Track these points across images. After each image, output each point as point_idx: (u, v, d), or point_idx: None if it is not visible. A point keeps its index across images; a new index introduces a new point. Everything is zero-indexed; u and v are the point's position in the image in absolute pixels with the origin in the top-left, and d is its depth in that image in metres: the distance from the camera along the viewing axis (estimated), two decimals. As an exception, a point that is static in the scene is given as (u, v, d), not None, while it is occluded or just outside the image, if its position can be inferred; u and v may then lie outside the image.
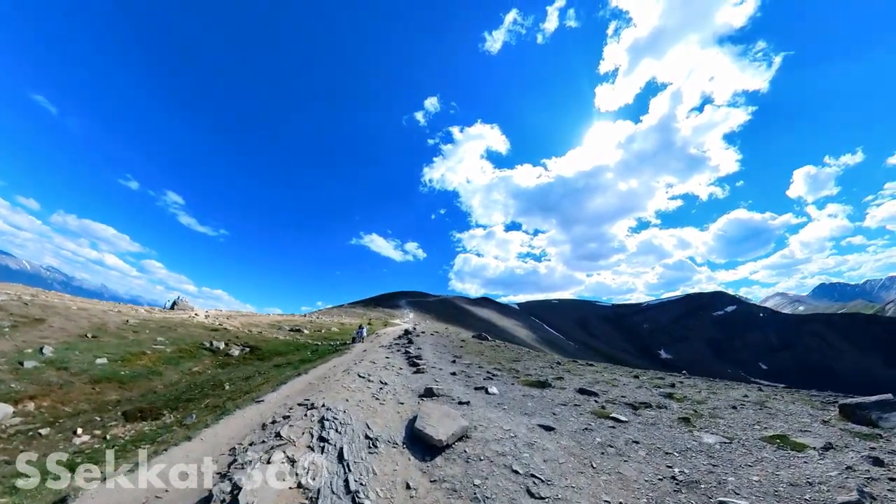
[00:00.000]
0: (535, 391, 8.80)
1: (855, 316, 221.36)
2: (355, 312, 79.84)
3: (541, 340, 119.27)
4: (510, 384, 9.78)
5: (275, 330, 30.38)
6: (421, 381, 9.74)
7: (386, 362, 13.26)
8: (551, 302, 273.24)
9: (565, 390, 8.93)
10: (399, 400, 7.70)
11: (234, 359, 17.23)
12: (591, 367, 17.61)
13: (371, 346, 21.08)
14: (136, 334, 18.60)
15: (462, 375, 11.09)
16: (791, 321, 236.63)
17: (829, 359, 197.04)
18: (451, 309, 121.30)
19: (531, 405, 7.46)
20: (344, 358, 15.73)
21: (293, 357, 17.34)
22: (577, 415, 6.74)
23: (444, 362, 13.98)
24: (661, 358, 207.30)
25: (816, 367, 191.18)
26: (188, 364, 15.35)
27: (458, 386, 9.36)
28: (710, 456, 4.66)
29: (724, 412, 6.98)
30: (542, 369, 13.33)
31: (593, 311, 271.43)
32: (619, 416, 6.36)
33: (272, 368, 14.70)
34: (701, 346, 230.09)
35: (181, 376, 13.91)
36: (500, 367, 12.98)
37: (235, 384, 12.50)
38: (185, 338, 19.41)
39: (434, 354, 16.40)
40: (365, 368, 11.78)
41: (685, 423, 6.04)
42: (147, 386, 12.21)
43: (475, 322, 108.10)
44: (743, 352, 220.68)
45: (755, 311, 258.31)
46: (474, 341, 27.10)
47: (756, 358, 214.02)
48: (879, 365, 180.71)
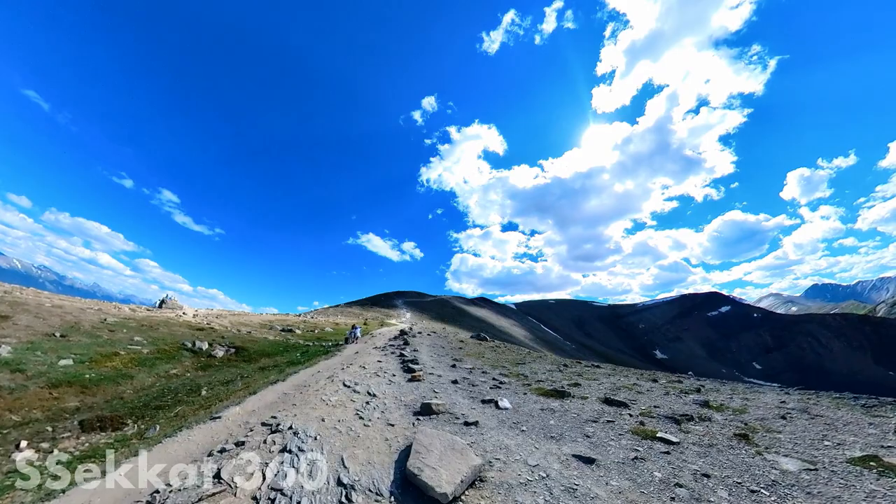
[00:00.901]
0: (553, 403, 7.51)
1: (847, 316, 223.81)
2: (351, 312, 78.53)
3: (538, 340, 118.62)
4: (522, 394, 8.47)
5: (265, 330, 29.09)
6: (417, 392, 8.26)
7: (378, 367, 11.91)
8: (548, 302, 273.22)
9: (588, 400, 7.73)
10: (389, 420, 6.12)
11: (217, 360, 15.99)
12: (598, 368, 16.63)
13: (364, 347, 19.78)
14: (112, 333, 17.28)
15: (465, 384, 9.62)
16: (785, 321, 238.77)
17: (822, 358, 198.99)
18: (448, 309, 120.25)
19: (554, 423, 6.12)
20: (332, 361, 14.29)
21: (281, 359, 16.12)
22: (615, 436, 5.36)
23: (443, 367, 12.64)
24: (657, 358, 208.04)
25: (810, 366, 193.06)
26: (165, 366, 14.09)
27: (462, 398, 7.89)
28: (808, 492, 3.57)
29: (775, 423, 5.97)
30: (551, 373, 12.28)
31: (590, 311, 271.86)
32: (667, 434, 5.20)
33: (256, 371, 13.50)
34: (696, 347, 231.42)
35: (156, 380, 12.66)
36: (506, 372, 11.76)
37: (214, 389, 11.31)
38: (165, 337, 18.12)
39: (431, 357, 15.11)
40: (352, 375, 10.34)
41: (746, 442, 5.00)
42: (114, 391, 10.97)
43: (472, 322, 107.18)
44: (737, 352, 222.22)
45: (749, 311, 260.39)
46: (473, 342, 26.05)
47: (750, 358, 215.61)
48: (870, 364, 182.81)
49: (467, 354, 16.65)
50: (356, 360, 13.62)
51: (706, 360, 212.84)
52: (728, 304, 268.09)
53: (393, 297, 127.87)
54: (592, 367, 17.26)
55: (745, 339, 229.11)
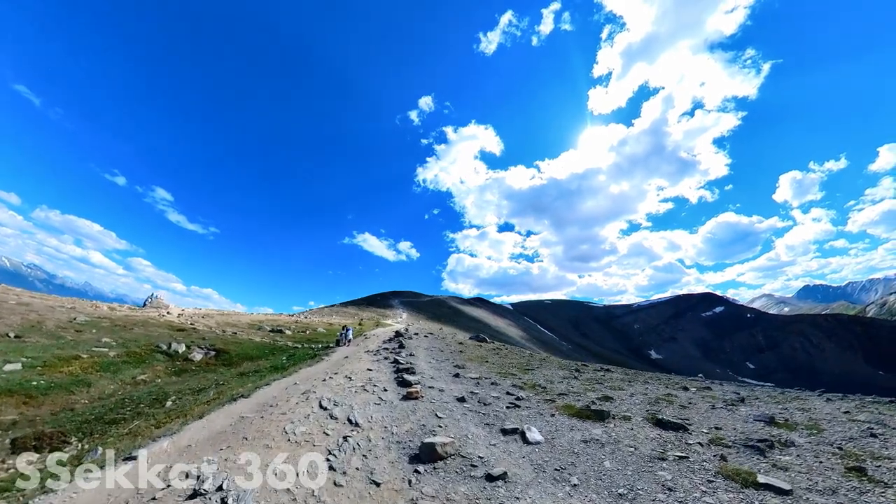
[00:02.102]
0: (595, 429, 5.86)
1: (838, 317, 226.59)
2: (347, 312, 76.83)
3: (535, 341, 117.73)
4: (549, 415, 6.69)
5: (253, 330, 27.50)
6: (414, 418, 6.29)
7: (367, 377, 10.06)
8: (544, 302, 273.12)
9: (633, 421, 6.20)
10: (373, 472, 4.28)
11: (194, 364, 14.48)
12: (610, 372, 15.44)
13: (356, 350, 18.00)
14: (79, 334, 15.69)
15: (474, 401, 7.72)
16: (777, 322, 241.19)
17: (814, 358, 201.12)
18: (444, 309, 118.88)
19: (612, 466, 4.47)
20: (316, 368, 12.41)
21: (264, 363, 14.64)
22: (704, 484, 3.84)
23: (445, 375, 10.83)
24: (652, 358, 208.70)
25: (801, 366, 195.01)
26: (133, 371, 12.57)
27: (475, 427, 5.91)
28: None
29: (871, 445, 4.78)
30: (567, 381, 10.99)
31: (585, 311, 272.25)
32: (768, 477, 3.83)
33: (235, 377, 12.03)
34: (690, 347, 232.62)
35: (119, 387, 11.16)
36: (519, 382, 10.12)
37: (183, 398, 9.85)
38: (139, 339, 16.55)
39: (430, 364, 13.25)
40: (334, 390, 8.46)
41: (867, 479, 3.75)
42: (64, 401, 9.47)
43: (469, 322, 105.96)
44: (731, 352, 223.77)
45: (742, 311, 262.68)
46: (473, 344, 24.74)
47: (744, 358, 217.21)
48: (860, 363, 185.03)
49: (469, 359, 15.23)
50: (343, 368, 11.78)
51: (700, 360, 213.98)
52: (722, 304, 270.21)
53: (389, 297, 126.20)
54: (604, 370, 16.06)
55: (738, 340, 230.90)
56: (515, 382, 9.97)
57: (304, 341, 24.59)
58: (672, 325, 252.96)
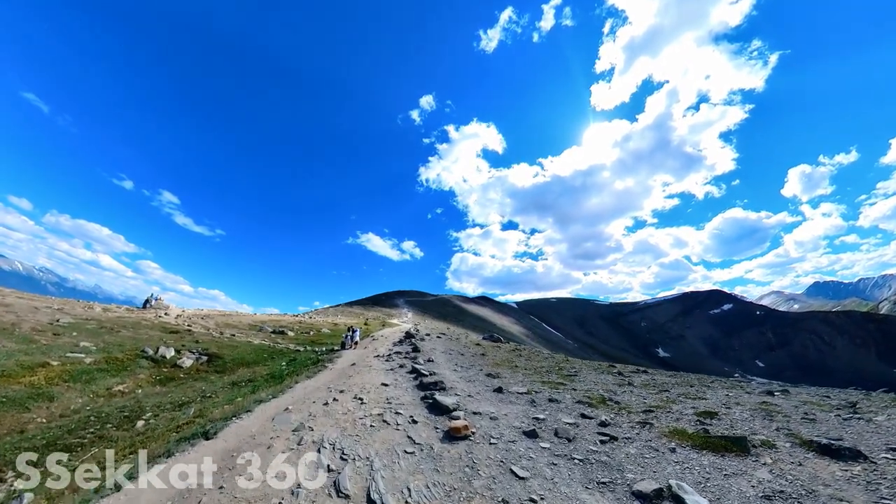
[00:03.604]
0: (755, 470, 3.89)
1: (851, 313, 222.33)
2: (352, 312, 75.34)
3: (540, 339, 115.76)
4: (665, 449, 4.54)
5: (254, 332, 25.90)
6: (481, 484, 3.74)
7: (383, 398, 7.46)
8: (549, 301, 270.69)
9: (779, 448, 4.33)
10: None
11: (183, 371, 12.83)
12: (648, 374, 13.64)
13: (364, 354, 15.86)
14: (56, 337, 14.10)
15: (548, 433, 5.13)
16: (788, 319, 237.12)
17: (825, 356, 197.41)
18: (449, 308, 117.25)
19: None
20: (318, 380, 10.00)
21: (261, 369, 12.95)
22: None
23: (484, 390, 8.28)
24: (660, 356, 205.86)
25: (813, 364, 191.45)
26: (110, 380, 10.94)
27: (586, 491, 3.61)
28: None
29: None
30: (626, 389, 9.21)
31: (591, 309, 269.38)
32: None
33: (226, 388, 10.35)
34: (698, 345, 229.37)
35: (88, 400, 9.51)
36: (581, 397, 7.74)
37: (160, 415, 8.17)
38: (124, 343, 14.96)
39: (456, 372, 10.90)
40: (339, 423, 5.83)
41: None
42: (15, 420, 7.82)
43: (474, 321, 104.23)
44: (740, 350, 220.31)
45: (751, 309, 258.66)
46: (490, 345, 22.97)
47: (753, 356, 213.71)
48: (874, 361, 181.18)
49: (496, 364, 13.38)
50: (351, 381, 9.37)
51: (709, 358, 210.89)
52: (730, 301, 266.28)
53: (394, 296, 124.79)
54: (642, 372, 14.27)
55: (747, 337, 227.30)
56: (576, 397, 7.60)
57: (308, 343, 22.93)
58: (679, 322, 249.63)
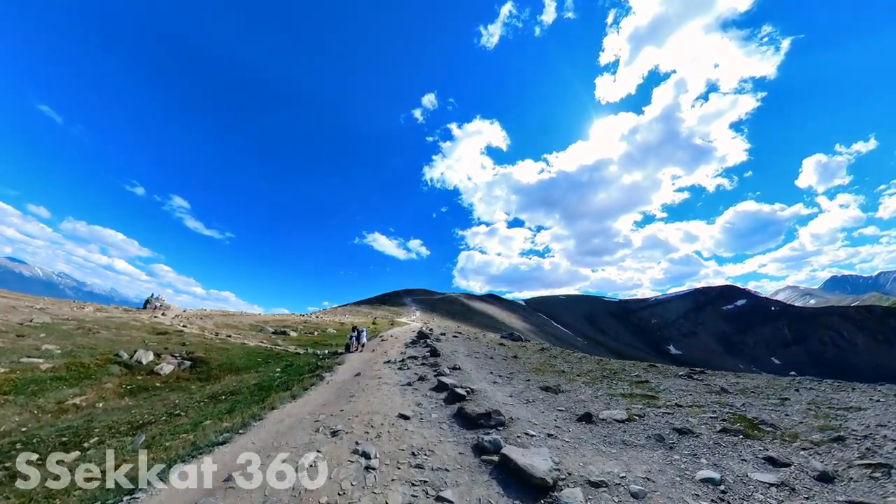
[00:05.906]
0: None
1: (871, 308, 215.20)
2: (359, 311, 73.56)
3: (552, 337, 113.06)
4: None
5: (253, 333, 23.90)
6: None
7: (408, 456, 4.74)
8: (558, 298, 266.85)
9: None
10: None
11: (160, 379, 10.77)
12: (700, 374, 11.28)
13: (371, 360, 13.33)
14: (19, 339, 12.16)
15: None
16: (805, 315, 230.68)
17: (845, 352, 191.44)
18: (457, 306, 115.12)
19: None
20: (305, 404, 7.42)
21: (250, 377, 10.83)
22: None
23: (559, 419, 6.15)
24: (671, 354, 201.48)
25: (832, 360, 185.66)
26: (66, 391, 8.90)
27: None
28: None
29: None
30: (723, 397, 6.86)
31: (600, 306, 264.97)
32: None
33: (203, 402, 8.25)
34: (711, 341, 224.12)
35: (28, 417, 7.45)
36: (727, 424, 5.62)
37: (104, 443, 6.05)
38: (98, 345, 12.98)
39: (499, 387, 8.30)
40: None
41: None
42: None
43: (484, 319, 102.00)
44: (755, 346, 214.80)
45: (766, 304, 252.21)
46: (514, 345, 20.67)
47: (768, 352, 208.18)
48: None
49: (537, 370, 11.04)
50: (352, 409, 6.67)
51: (722, 355, 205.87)
52: (744, 297, 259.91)
53: (401, 295, 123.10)
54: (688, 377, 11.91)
55: (762, 334, 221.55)
56: (703, 420, 5.30)
57: (310, 345, 20.83)
58: (691, 319, 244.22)
